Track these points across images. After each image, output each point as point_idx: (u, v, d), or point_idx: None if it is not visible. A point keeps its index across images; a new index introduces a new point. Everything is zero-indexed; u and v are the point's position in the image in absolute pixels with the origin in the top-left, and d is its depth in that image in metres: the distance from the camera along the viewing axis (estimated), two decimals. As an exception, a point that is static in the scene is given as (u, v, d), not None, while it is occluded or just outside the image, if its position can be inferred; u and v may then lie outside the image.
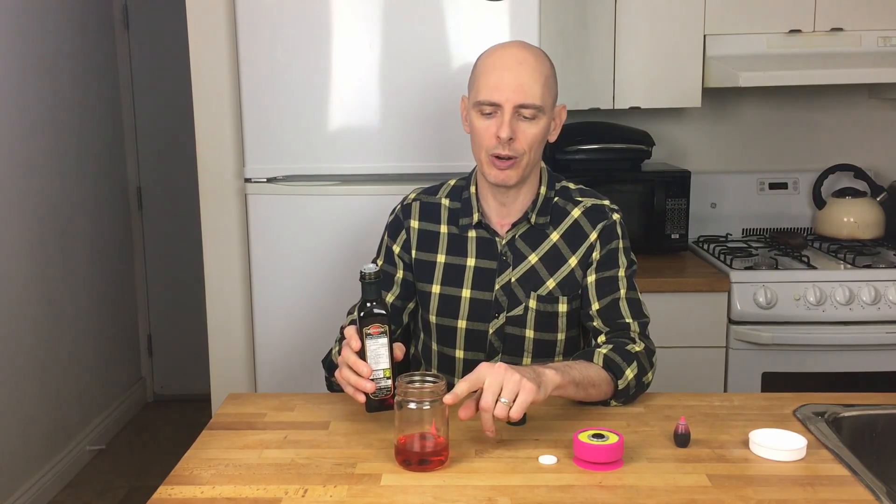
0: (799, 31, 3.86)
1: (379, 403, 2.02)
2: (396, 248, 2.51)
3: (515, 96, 2.24)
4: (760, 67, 3.75)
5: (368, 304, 2.00)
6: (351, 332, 2.03)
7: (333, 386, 2.40)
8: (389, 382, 2.01)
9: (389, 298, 2.49)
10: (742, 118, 4.39)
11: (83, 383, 4.78)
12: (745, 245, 4.05)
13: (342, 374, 2.03)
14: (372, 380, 1.99)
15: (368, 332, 1.99)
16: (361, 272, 2.01)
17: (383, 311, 2.00)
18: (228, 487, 1.81)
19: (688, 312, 3.58)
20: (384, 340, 2.00)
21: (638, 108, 3.96)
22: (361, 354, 2.00)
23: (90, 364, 4.87)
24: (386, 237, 2.55)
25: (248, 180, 3.38)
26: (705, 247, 4.04)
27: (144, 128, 5.55)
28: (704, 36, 3.89)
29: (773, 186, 4.32)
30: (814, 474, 1.85)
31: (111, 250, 5.21)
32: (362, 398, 2.01)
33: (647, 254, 3.94)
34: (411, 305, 2.54)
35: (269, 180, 3.36)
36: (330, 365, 2.39)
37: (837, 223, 4.12)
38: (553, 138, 2.40)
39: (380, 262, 2.53)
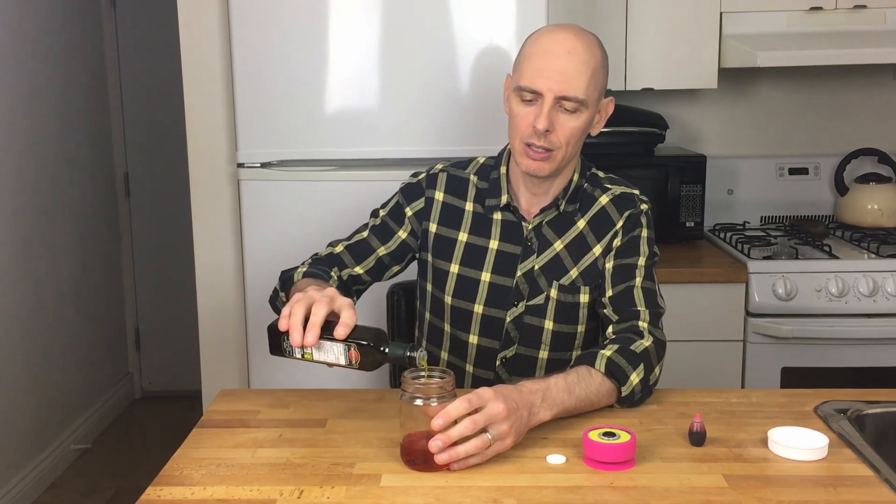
0: (820, 8, 3.85)
1: (280, 353, 2.03)
2: (409, 212, 2.51)
3: (558, 86, 2.22)
4: (780, 47, 3.75)
5: (382, 347, 1.97)
6: (344, 304, 1.99)
7: (277, 303, 2.43)
8: (298, 357, 2.00)
9: (381, 251, 2.50)
10: (760, 100, 4.38)
11: (67, 379, 4.78)
12: (764, 233, 4.05)
13: (295, 309, 1.95)
14: (301, 347, 1.96)
15: (349, 337, 1.95)
16: (412, 357, 1.97)
17: (378, 348, 1.96)
18: (220, 488, 1.80)
19: (703, 304, 3.58)
20: (341, 348, 1.97)
21: (651, 89, 3.95)
22: (329, 329, 1.96)
23: (75, 359, 4.87)
24: (399, 196, 2.54)
25: (241, 165, 3.38)
26: (722, 235, 4.04)
27: (132, 110, 5.54)
28: (721, 13, 3.87)
29: (792, 172, 4.32)
30: (836, 475, 1.84)
31: (97, 240, 5.21)
32: (285, 326, 1.94)
33: (661, 242, 3.88)
34: (396, 269, 2.55)
35: (263, 165, 3.36)
36: (287, 280, 2.39)
37: (860, 210, 4.11)
38: (595, 132, 2.38)
39: (383, 213, 2.54)
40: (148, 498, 1.78)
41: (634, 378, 2.18)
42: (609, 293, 2.37)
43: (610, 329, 2.34)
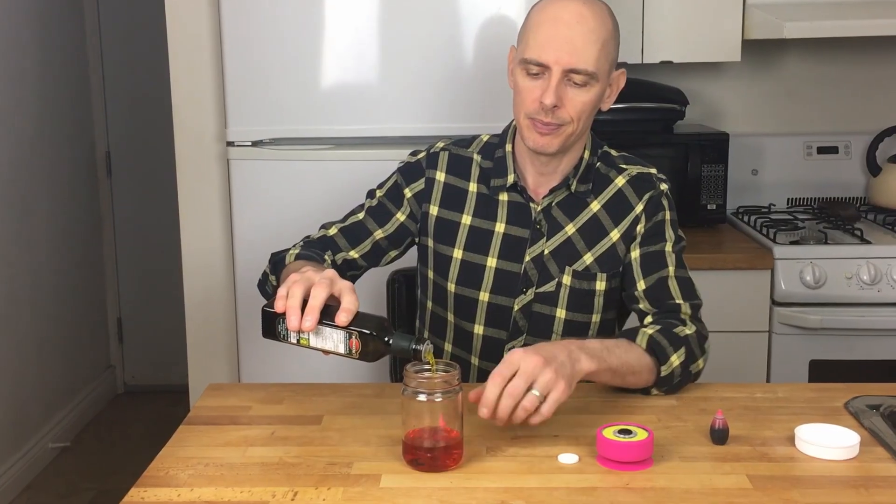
0: (852, -26, 3.85)
1: (273, 337, 2.00)
2: (408, 193, 2.51)
3: (567, 58, 2.21)
4: (808, 17, 3.73)
5: (387, 338, 1.96)
6: (345, 287, 1.98)
7: (266, 287, 2.43)
8: (293, 342, 1.98)
9: (378, 235, 2.50)
10: (787, 74, 4.37)
11: (44, 373, 4.78)
12: (791, 217, 4.05)
13: (293, 290, 1.93)
14: (298, 332, 1.94)
15: (350, 324, 1.94)
16: (417, 350, 1.96)
17: (381, 338, 1.95)
18: (209, 490, 1.81)
19: (726, 292, 3.57)
20: (341, 335, 1.95)
21: (670, 62, 3.95)
22: (328, 314, 1.95)
23: (52, 352, 4.87)
24: (398, 177, 2.54)
25: (230, 144, 3.38)
26: (745, 219, 4.04)
27: (114, 84, 5.53)
28: (745, -20, 3.87)
29: (821, 151, 4.31)
30: (867, 475, 1.84)
31: (76, 223, 5.21)
32: (282, 308, 1.92)
33: (681, 226, 3.90)
34: (393, 254, 2.55)
35: (255, 144, 3.36)
36: (279, 262, 2.38)
37: (894, 192, 4.11)
38: (606, 107, 2.38)
39: (379, 194, 2.54)
40: (131, 500, 1.78)
41: (675, 360, 2.19)
42: (641, 285, 2.38)
43: (648, 319, 2.35)
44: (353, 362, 1.98)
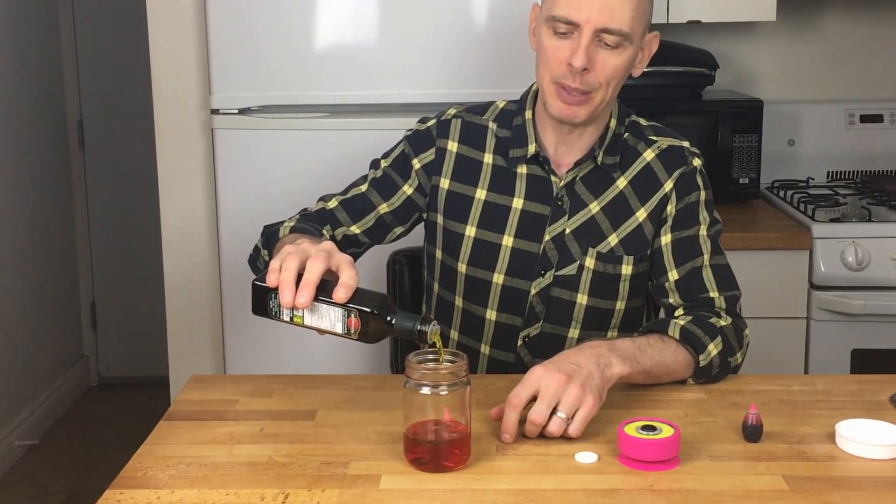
0: (899, -76, 3.84)
1: (264, 314, 1.98)
2: (416, 164, 2.50)
3: (599, 17, 2.20)
4: (851, -30, 3.74)
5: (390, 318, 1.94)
6: (344, 261, 1.97)
7: (258, 262, 2.42)
8: (286, 319, 1.97)
9: (383, 209, 2.49)
10: (827, 35, 4.36)
11: (11, 364, 4.78)
12: (831, 192, 4.04)
13: (287, 263, 1.90)
14: (291, 308, 1.92)
15: (349, 301, 1.93)
16: (422, 331, 1.94)
17: (384, 317, 1.94)
18: (191, 492, 1.81)
19: (760, 275, 3.56)
20: (339, 313, 1.94)
21: (698, 21, 3.93)
22: (325, 290, 1.93)
23: (19, 340, 4.87)
24: (405, 146, 2.53)
25: (215, 112, 3.37)
26: (781, 194, 4.04)
27: (87, 46, 5.52)
28: (781, -70, 3.86)
29: (864, 119, 4.30)
30: (915, 475, 1.85)
31: (45, 199, 5.20)
32: (275, 282, 1.89)
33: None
34: (399, 230, 2.54)
35: (242, 112, 3.36)
36: (272, 236, 2.37)
37: (945, 165, 4.12)
38: (637, 73, 2.37)
39: (385, 164, 2.53)
40: (106, 502, 1.78)
41: (713, 349, 2.20)
42: (673, 275, 2.37)
43: (679, 312, 2.34)
44: (351, 345, 1.97)
